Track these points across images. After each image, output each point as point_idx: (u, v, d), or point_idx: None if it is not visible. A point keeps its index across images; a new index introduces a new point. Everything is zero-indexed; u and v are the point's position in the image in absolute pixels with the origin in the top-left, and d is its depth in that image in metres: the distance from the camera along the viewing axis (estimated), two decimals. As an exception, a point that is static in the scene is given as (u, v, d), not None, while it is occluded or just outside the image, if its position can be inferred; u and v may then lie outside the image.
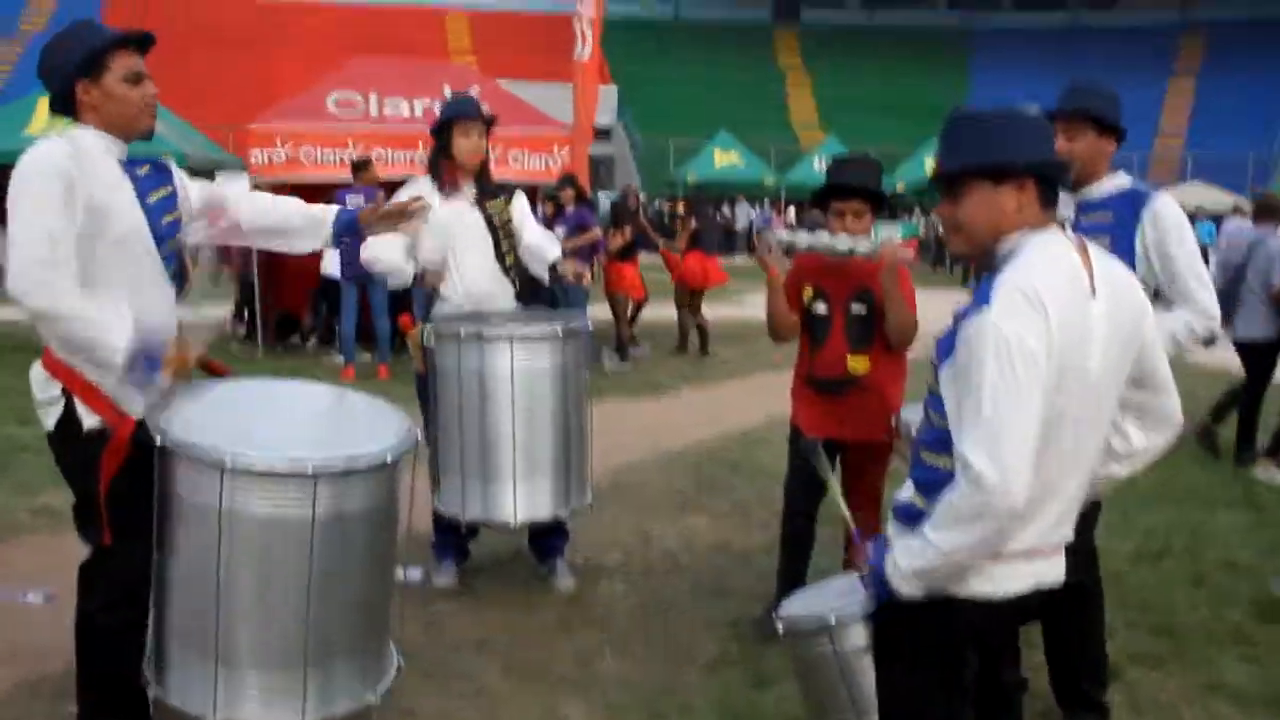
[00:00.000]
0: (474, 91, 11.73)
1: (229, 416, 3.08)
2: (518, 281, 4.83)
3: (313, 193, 10.75)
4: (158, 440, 2.84)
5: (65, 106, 3.03)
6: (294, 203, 3.58)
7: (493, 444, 4.32)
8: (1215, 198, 27.08)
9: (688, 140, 34.48)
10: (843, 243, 3.98)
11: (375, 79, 11.66)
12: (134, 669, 3.03)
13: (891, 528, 2.41)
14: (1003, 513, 2.13)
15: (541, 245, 4.88)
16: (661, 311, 13.23)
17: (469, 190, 4.76)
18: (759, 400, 9.54)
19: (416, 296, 10.92)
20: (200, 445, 2.80)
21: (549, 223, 10.05)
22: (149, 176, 3.15)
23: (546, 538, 4.87)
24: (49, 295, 2.82)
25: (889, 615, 2.37)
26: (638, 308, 12.14)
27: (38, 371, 3.04)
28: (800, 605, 2.75)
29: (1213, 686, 4.08)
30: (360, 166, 10.27)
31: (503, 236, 4.78)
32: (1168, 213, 3.50)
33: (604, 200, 17.95)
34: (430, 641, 4.18)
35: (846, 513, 2.94)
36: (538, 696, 3.82)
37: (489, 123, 4.77)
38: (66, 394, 2.98)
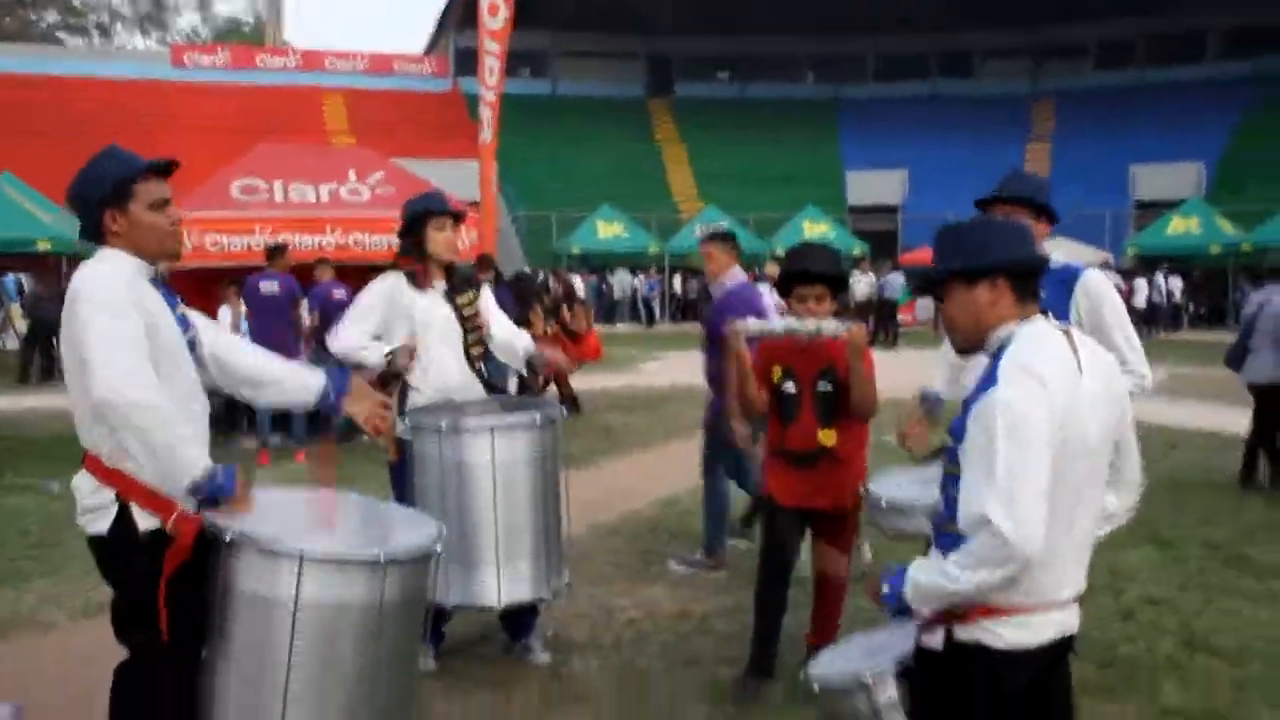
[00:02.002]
0: (378, 175, 11.92)
1: (276, 517, 3.16)
2: (485, 373, 4.94)
3: (218, 278, 10.80)
4: (226, 536, 2.92)
5: (94, 234, 3.13)
6: (265, 354, 3.50)
7: (474, 530, 4.39)
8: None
9: (569, 212, 34.94)
10: (810, 325, 4.26)
11: (279, 165, 11.68)
12: None
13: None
14: (1021, 560, 2.38)
15: (511, 340, 5.01)
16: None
17: (439, 284, 4.86)
18: (677, 468, 9.67)
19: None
20: (274, 537, 2.92)
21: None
22: (169, 295, 3.22)
23: (519, 616, 4.93)
24: (144, 394, 2.85)
25: (930, 674, 2.56)
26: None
27: (85, 480, 3.06)
28: (827, 664, 2.91)
29: (1162, 712, 4.39)
30: (275, 252, 10.25)
31: (470, 329, 4.88)
32: (1098, 286, 3.88)
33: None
34: (424, 727, 4.22)
35: None
36: (543, 775, 3.89)
37: (458, 217, 4.90)
38: (120, 500, 3.00)
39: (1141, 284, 27.62)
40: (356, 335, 4.80)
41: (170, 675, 3.03)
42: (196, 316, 3.37)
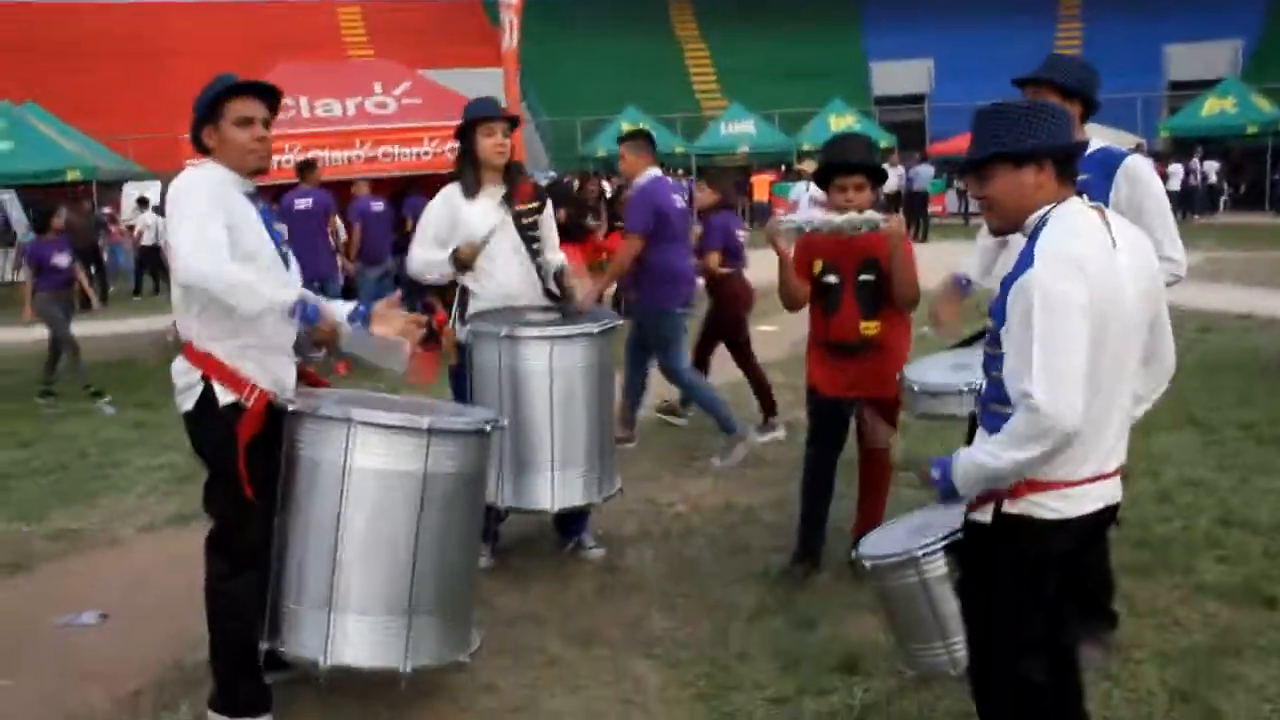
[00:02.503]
0: (405, 87, 11.89)
1: (346, 403, 3.49)
2: (546, 280, 4.97)
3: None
4: (290, 407, 3.29)
5: (201, 147, 3.50)
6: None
7: (530, 435, 4.51)
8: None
9: (593, 116, 34.57)
10: (853, 220, 4.32)
11: (304, 83, 11.60)
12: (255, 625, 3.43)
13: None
14: (1060, 435, 2.48)
15: (550, 261, 5.03)
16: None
17: (497, 190, 4.88)
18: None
19: (364, 286, 11.11)
20: (327, 406, 3.31)
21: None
22: (266, 212, 3.57)
23: (571, 517, 5.07)
24: (218, 271, 3.20)
25: (979, 543, 2.68)
26: None
27: (179, 363, 3.47)
28: (876, 544, 3.04)
29: (1198, 587, 4.50)
30: (306, 168, 10.33)
31: (530, 239, 4.90)
32: (1140, 171, 3.85)
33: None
34: (487, 619, 4.36)
35: None
36: (605, 661, 4.07)
37: (512, 121, 4.92)
38: (204, 378, 3.39)
39: (1176, 168, 27.11)
40: (422, 256, 4.89)
41: (246, 539, 3.41)
42: None
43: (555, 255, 5.09)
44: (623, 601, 4.60)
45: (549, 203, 5.13)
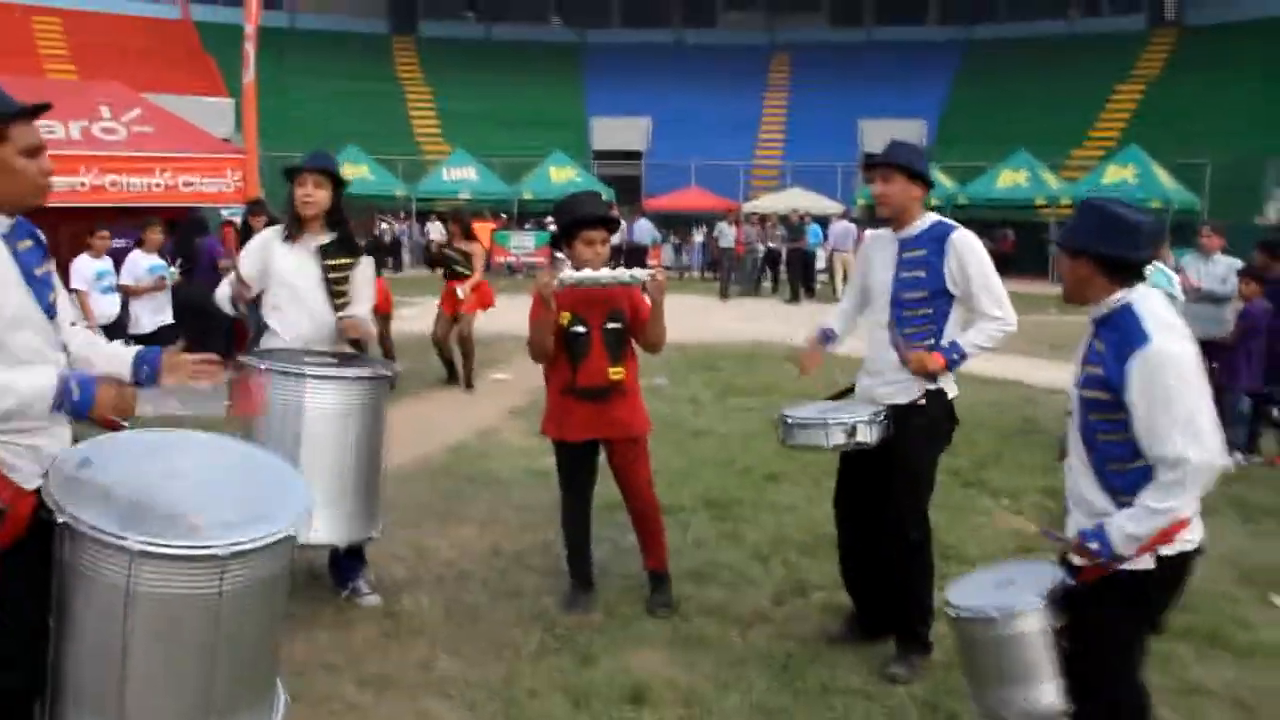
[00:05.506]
0: (135, 113, 11.34)
1: (129, 485, 3.00)
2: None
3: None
4: (59, 518, 2.79)
5: None
6: (92, 337, 3.33)
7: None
8: (814, 202, 30.29)
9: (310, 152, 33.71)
10: (624, 275, 4.73)
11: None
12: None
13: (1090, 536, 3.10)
14: (1214, 476, 2.96)
15: (357, 320, 5.08)
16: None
17: (315, 240, 5.03)
18: (454, 415, 9.91)
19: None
20: (105, 528, 2.76)
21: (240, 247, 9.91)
22: (30, 251, 2.97)
23: (347, 559, 5.12)
24: None
25: (1128, 588, 3.07)
26: None
27: None
28: (966, 596, 3.38)
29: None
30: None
31: (336, 293, 5.03)
32: (967, 242, 4.38)
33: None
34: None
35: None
36: (401, 704, 4.12)
37: (330, 174, 5.03)
38: None
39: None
40: (225, 290, 5.05)
41: (9, 642, 2.90)
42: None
43: (363, 309, 5.12)
44: (409, 645, 4.65)
45: (368, 260, 5.21)
